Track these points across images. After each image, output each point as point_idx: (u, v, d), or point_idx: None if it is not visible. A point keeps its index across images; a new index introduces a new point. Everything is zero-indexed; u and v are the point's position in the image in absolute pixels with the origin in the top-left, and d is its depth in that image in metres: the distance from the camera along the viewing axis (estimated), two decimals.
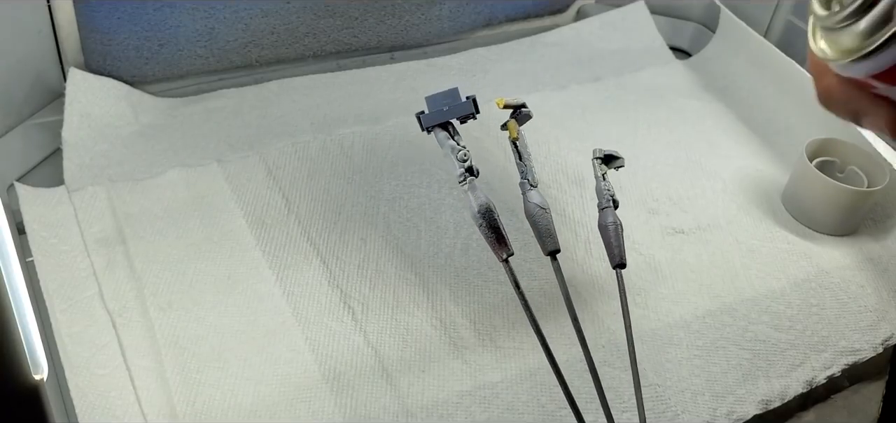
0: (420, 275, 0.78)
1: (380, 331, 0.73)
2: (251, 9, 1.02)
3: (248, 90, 1.03)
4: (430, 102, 0.63)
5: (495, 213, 0.60)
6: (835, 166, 0.90)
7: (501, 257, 0.59)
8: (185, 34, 1.00)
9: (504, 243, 0.59)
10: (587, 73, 1.13)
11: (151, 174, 0.87)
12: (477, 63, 1.13)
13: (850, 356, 0.74)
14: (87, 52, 0.96)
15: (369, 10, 1.09)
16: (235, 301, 0.74)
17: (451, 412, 0.66)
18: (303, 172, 0.90)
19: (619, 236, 0.67)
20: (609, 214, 0.68)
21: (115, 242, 0.79)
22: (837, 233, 0.87)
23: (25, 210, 0.80)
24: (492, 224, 0.59)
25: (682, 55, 1.21)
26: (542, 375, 0.69)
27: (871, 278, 0.82)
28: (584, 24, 1.22)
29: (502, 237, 0.59)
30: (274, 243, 0.81)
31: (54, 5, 0.92)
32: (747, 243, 0.86)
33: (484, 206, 0.60)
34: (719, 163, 0.97)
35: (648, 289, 0.79)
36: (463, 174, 0.61)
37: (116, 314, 0.72)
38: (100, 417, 0.64)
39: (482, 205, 0.60)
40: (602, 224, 0.68)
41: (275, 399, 0.66)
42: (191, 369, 0.68)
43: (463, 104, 0.63)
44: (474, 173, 0.61)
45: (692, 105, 1.08)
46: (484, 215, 0.60)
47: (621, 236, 0.67)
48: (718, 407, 0.68)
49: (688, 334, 0.75)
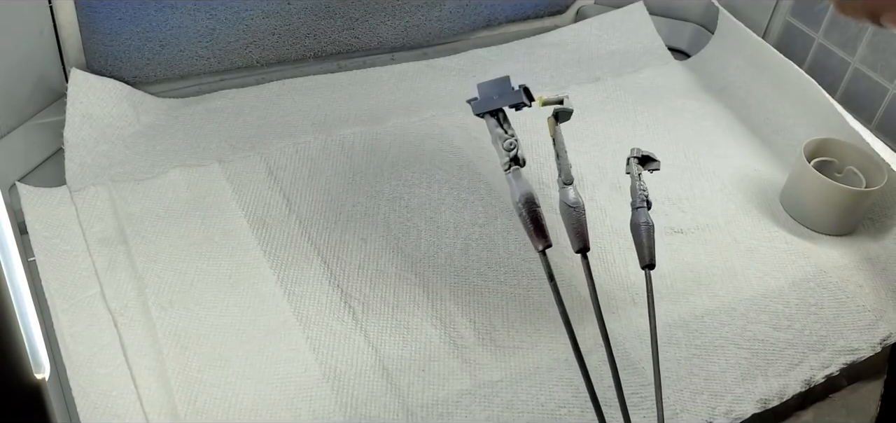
0: (420, 275, 0.79)
1: (380, 330, 0.73)
2: (252, 10, 1.02)
3: (250, 91, 1.03)
4: (481, 89, 0.63)
5: (537, 203, 0.60)
6: (833, 167, 0.90)
7: (538, 247, 0.59)
8: (186, 35, 1.00)
9: (542, 233, 0.59)
10: (586, 73, 1.13)
11: (153, 174, 0.88)
12: (477, 64, 1.13)
13: (849, 356, 0.74)
14: (89, 52, 0.96)
15: (370, 11, 1.09)
16: (236, 301, 0.75)
17: (451, 411, 0.67)
18: (303, 172, 0.90)
19: (651, 236, 0.67)
20: (642, 213, 0.68)
21: (117, 241, 0.79)
22: (836, 233, 0.88)
23: (27, 210, 0.81)
24: (532, 214, 0.59)
25: (680, 56, 1.21)
26: (541, 374, 0.70)
27: (870, 277, 0.82)
28: (584, 25, 1.22)
29: (541, 228, 0.59)
30: (275, 243, 0.81)
31: (56, 6, 0.92)
32: (746, 242, 0.86)
33: (526, 195, 0.60)
34: (718, 163, 0.97)
35: None
36: (508, 162, 0.61)
37: (118, 314, 0.72)
38: (101, 416, 0.64)
39: (525, 194, 0.60)
40: (635, 223, 0.68)
41: (275, 398, 0.67)
42: (192, 368, 0.68)
43: (514, 93, 0.63)
44: (520, 163, 0.61)
45: (691, 106, 1.08)
46: (526, 204, 0.59)
47: (653, 237, 0.67)
48: (717, 406, 0.69)
49: (686, 333, 0.75)
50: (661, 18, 1.24)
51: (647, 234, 0.67)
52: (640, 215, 0.68)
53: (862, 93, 1.03)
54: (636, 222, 0.68)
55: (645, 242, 0.66)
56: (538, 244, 0.59)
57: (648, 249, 0.66)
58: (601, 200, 0.90)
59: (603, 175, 0.94)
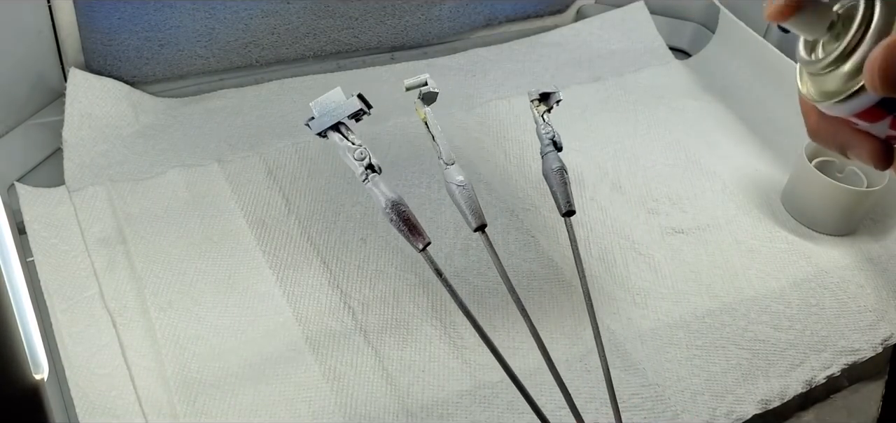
0: (420, 275, 0.78)
1: (380, 331, 0.73)
2: (251, 9, 1.02)
3: (249, 90, 1.03)
4: (316, 108, 0.61)
5: (404, 204, 0.58)
6: (834, 166, 0.90)
7: (418, 247, 0.57)
8: (185, 34, 1.00)
9: (418, 232, 0.58)
10: (587, 73, 1.13)
11: (152, 174, 0.88)
12: (477, 63, 1.13)
13: (850, 356, 0.74)
14: (88, 52, 0.96)
15: (369, 11, 1.09)
16: (236, 301, 0.74)
17: (451, 412, 0.67)
18: (303, 172, 0.90)
19: (565, 180, 0.64)
20: (553, 158, 0.65)
21: (116, 242, 0.79)
22: (837, 233, 0.87)
23: (26, 210, 0.80)
24: (403, 216, 0.58)
25: (681, 55, 1.21)
26: (541, 374, 0.69)
27: (871, 277, 0.82)
28: (584, 25, 1.22)
29: (416, 227, 0.58)
30: (274, 243, 0.81)
31: (55, 5, 0.92)
32: (747, 242, 0.86)
33: (392, 200, 0.58)
34: (719, 163, 0.97)
35: (648, 289, 0.79)
36: (364, 172, 0.59)
37: (117, 314, 0.72)
38: (100, 416, 0.64)
39: (390, 199, 0.58)
40: (547, 170, 0.65)
41: (275, 399, 0.67)
42: (191, 368, 0.68)
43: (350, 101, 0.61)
44: (376, 170, 0.59)
45: (692, 105, 1.08)
46: (394, 208, 0.58)
47: (568, 182, 0.64)
48: (718, 407, 0.68)
49: (687, 333, 0.75)
50: (662, 18, 1.24)
51: (560, 179, 0.64)
52: (551, 160, 0.65)
53: None
54: (548, 168, 0.64)
55: (561, 188, 0.63)
56: (418, 244, 0.57)
57: (564, 195, 0.63)
58: (601, 200, 0.90)
59: (603, 175, 0.93)
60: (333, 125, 0.61)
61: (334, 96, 0.61)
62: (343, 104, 0.61)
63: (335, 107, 0.61)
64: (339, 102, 0.61)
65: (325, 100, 0.61)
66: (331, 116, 0.61)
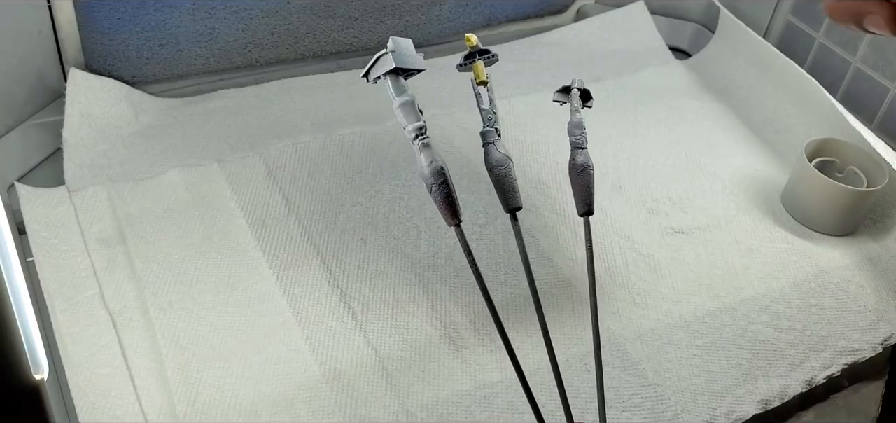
0: (420, 275, 0.78)
1: (380, 331, 0.73)
2: (251, 9, 1.02)
3: (249, 90, 1.03)
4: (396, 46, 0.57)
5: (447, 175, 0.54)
6: (834, 166, 0.90)
7: (451, 222, 0.54)
8: (185, 34, 1.00)
9: (455, 208, 0.54)
10: (587, 73, 1.13)
11: (152, 174, 0.88)
12: None
13: (850, 356, 0.74)
14: (88, 52, 0.96)
15: (369, 11, 1.09)
16: (236, 301, 0.74)
17: (451, 412, 0.67)
18: (303, 172, 0.90)
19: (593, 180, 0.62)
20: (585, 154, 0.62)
21: (116, 242, 0.79)
22: (837, 233, 0.87)
23: (26, 210, 0.80)
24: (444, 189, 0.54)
25: (681, 55, 1.21)
26: (541, 375, 0.69)
27: (871, 277, 0.82)
28: (584, 25, 1.22)
29: (454, 203, 0.54)
30: (274, 243, 0.81)
31: (55, 5, 0.92)
32: (747, 242, 0.86)
33: (438, 167, 0.54)
34: (719, 163, 0.97)
35: (648, 289, 0.79)
36: (416, 130, 0.55)
37: (117, 314, 0.72)
38: (100, 416, 0.64)
39: (436, 167, 0.54)
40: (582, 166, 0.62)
41: (275, 399, 0.67)
42: (191, 368, 0.68)
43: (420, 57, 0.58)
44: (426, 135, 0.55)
45: (692, 105, 1.08)
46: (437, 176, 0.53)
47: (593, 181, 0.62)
48: (718, 407, 0.68)
49: (687, 333, 0.75)
50: (662, 18, 1.24)
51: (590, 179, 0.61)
52: (585, 155, 0.62)
53: (863, 92, 1.03)
54: (584, 163, 0.61)
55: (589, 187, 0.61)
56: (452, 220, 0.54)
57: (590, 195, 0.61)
58: (601, 200, 0.90)
59: (603, 175, 0.93)
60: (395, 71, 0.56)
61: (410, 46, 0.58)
62: (417, 57, 0.57)
63: (411, 57, 0.57)
64: (414, 54, 0.57)
65: (402, 41, 0.57)
66: (410, 61, 0.57)
